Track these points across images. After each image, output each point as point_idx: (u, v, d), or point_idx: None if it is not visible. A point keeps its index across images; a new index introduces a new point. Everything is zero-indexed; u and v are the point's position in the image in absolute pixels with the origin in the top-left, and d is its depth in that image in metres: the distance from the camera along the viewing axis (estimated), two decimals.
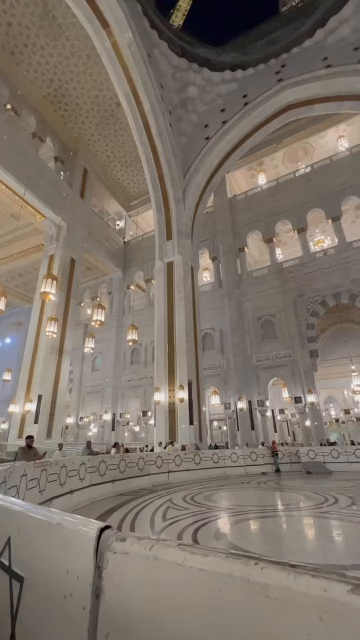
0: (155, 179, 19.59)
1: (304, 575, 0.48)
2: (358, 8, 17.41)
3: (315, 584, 0.46)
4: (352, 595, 0.43)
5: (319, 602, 0.45)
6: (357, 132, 25.02)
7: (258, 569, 0.52)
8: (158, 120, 18.37)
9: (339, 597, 0.44)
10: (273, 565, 0.51)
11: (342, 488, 9.19)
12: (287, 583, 0.48)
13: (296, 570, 0.49)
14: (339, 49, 18.27)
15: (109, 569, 0.67)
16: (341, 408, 25.70)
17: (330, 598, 0.44)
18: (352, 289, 19.23)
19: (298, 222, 22.95)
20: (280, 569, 0.51)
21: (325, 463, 13.84)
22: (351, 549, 4.55)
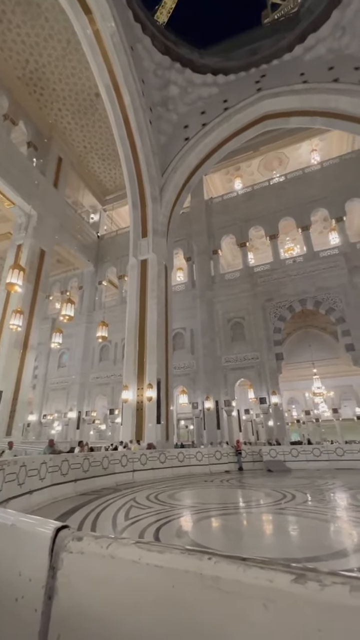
0: (132, 175, 19.35)
1: (253, 567, 0.51)
2: (334, 29, 18.31)
3: (263, 575, 0.49)
4: (295, 584, 0.46)
5: (264, 592, 0.48)
6: (329, 147, 26.34)
7: (211, 564, 0.54)
8: (138, 116, 18.15)
9: (283, 586, 0.47)
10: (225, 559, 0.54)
11: (300, 485, 9.66)
12: (238, 576, 0.51)
13: (246, 563, 0.52)
14: (315, 66, 19.10)
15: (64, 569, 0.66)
16: (302, 409, 26.94)
17: (275, 588, 0.47)
18: (317, 296, 20.22)
19: (270, 229, 23.73)
20: (231, 563, 0.53)
21: (285, 462, 14.45)
22: (305, 543, 4.79)
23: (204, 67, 20.94)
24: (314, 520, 5.77)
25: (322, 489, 8.94)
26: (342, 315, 19.26)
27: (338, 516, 6.16)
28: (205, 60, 20.94)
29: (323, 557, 3.99)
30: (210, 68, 20.98)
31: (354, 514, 6.10)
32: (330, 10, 17.95)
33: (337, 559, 3.94)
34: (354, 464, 13.66)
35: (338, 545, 4.59)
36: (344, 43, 18.36)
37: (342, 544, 4.69)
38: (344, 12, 17.69)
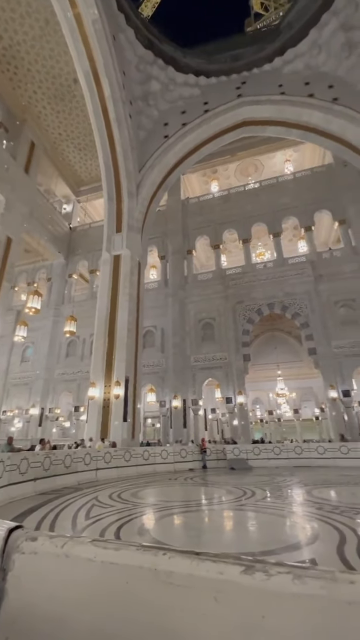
0: (109, 168, 18.94)
1: (206, 561, 0.53)
2: (312, 47, 19.10)
3: (214, 568, 0.51)
4: (243, 575, 0.49)
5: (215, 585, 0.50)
6: (302, 159, 27.48)
7: (165, 559, 0.55)
8: (118, 108, 17.79)
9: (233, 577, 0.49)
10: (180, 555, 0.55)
11: (260, 482, 10.02)
12: (191, 570, 0.53)
13: (200, 557, 0.54)
14: (292, 79, 19.82)
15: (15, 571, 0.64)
16: (266, 409, 27.94)
17: (225, 579, 0.50)
18: (284, 301, 21.06)
19: (243, 233, 24.32)
20: (185, 557, 0.55)
21: (247, 460, 14.91)
22: (262, 537, 4.99)
23: (187, 67, 20.97)
24: (272, 516, 6.02)
25: (280, 486, 9.34)
26: (307, 320, 20.21)
27: (294, 511, 6.48)
28: (188, 60, 20.98)
29: (278, 550, 4.18)
30: (192, 68, 21.05)
31: (308, 509, 6.44)
32: (309, 28, 18.70)
33: (290, 552, 4.15)
34: (310, 461, 14.41)
35: (292, 539, 4.83)
36: (320, 61, 19.22)
37: (296, 537, 4.93)
38: (321, 32, 18.51)
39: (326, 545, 4.31)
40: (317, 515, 5.77)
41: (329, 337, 19.51)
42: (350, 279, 20.33)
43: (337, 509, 6.20)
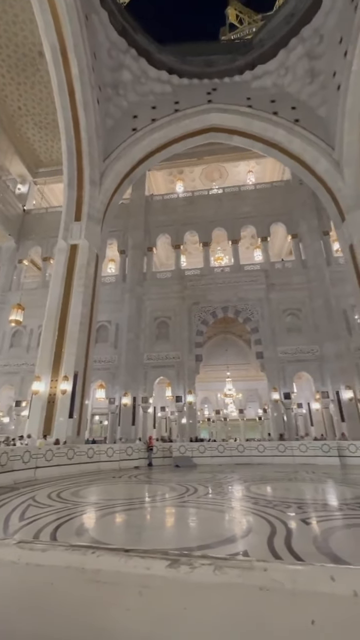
0: (72, 152, 18.04)
1: (134, 557, 0.54)
2: (279, 67, 20.14)
3: (142, 564, 0.53)
4: (169, 569, 0.51)
5: (141, 580, 0.51)
6: (263, 171, 28.86)
7: (94, 557, 0.55)
8: (85, 90, 17.02)
9: (159, 572, 0.51)
10: (109, 552, 0.56)
11: (202, 479, 10.33)
12: (119, 567, 0.53)
13: (129, 554, 0.55)
14: (260, 95, 20.71)
15: None
16: (213, 409, 28.86)
17: (151, 574, 0.51)
18: (238, 306, 21.95)
19: (204, 236, 24.84)
20: (114, 555, 0.55)
21: (192, 457, 15.28)
22: (200, 533, 5.15)
23: (160, 63, 20.82)
24: (211, 512, 6.24)
25: (221, 483, 9.72)
26: (257, 325, 21.29)
27: (232, 507, 6.79)
28: (162, 56, 20.83)
29: (214, 544, 4.34)
30: (166, 65, 20.95)
31: (245, 504, 6.80)
32: (278, 49, 19.71)
33: (225, 545, 4.34)
34: (251, 459, 15.22)
35: (229, 533, 5.06)
36: (286, 82, 20.36)
37: (232, 531, 5.18)
38: (289, 54, 19.63)
39: (258, 538, 4.59)
40: (252, 510, 6.11)
41: (275, 342, 20.77)
42: (298, 289, 21.87)
43: (270, 503, 6.63)
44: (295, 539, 4.39)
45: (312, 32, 18.57)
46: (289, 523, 5.13)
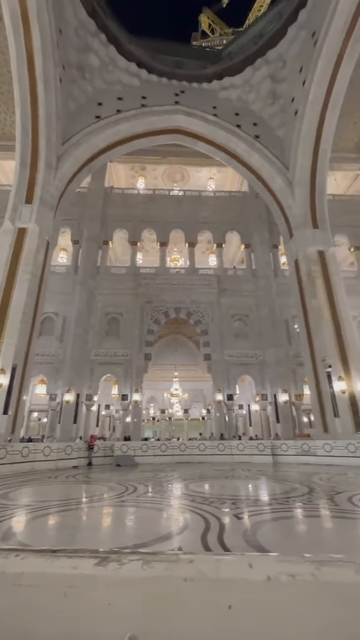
0: (27, 129, 16.77)
1: (61, 557, 0.53)
2: (245, 83, 21.03)
3: (68, 564, 0.52)
4: (97, 567, 0.51)
5: (67, 580, 0.51)
6: (224, 180, 29.84)
7: (17, 560, 0.53)
8: (47, 65, 15.95)
9: (86, 571, 0.51)
10: (34, 554, 0.54)
11: (143, 478, 10.32)
12: (43, 568, 0.52)
13: (56, 554, 0.54)
14: (226, 106, 21.42)
15: None
16: (159, 408, 29.02)
17: (78, 574, 0.51)
18: (190, 308, 22.39)
19: (162, 236, 24.88)
20: (40, 556, 0.54)
21: (135, 456, 15.17)
22: (137, 531, 5.14)
23: (130, 54, 20.38)
24: (150, 510, 6.27)
25: (161, 481, 9.81)
26: (207, 328, 21.94)
27: (170, 505, 6.89)
28: (132, 47, 20.41)
29: (150, 542, 4.37)
30: (135, 58, 20.57)
31: (183, 502, 6.95)
32: (245, 66, 20.58)
33: (161, 542, 4.39)
34: (192, 458, 15.60)
35: (165, 531, 5.12)
36: (250, 99, 21.35)
37: (169, 528, 5.26)
38: (255, 73, 20.61)
39: (193, 534, 4.72)
40: (190, 507, 6.27)
41: (223, 345, 21.60)
42: (247, 297, 23.03)
43: (207, 500, 6.87)
44: (227, 533, 4.61)
45: (277, 56, 19.74)
46: (223, 519, 5.36)
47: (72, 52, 18.39)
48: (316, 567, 0.51)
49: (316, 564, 0.52)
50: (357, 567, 0.51)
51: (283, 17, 18.76)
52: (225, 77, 21.19)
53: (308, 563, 0.52)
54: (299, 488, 7.90)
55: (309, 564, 0.52)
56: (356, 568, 0.51)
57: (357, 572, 0.50)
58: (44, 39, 15.40)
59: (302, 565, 0.52)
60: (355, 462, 12.86)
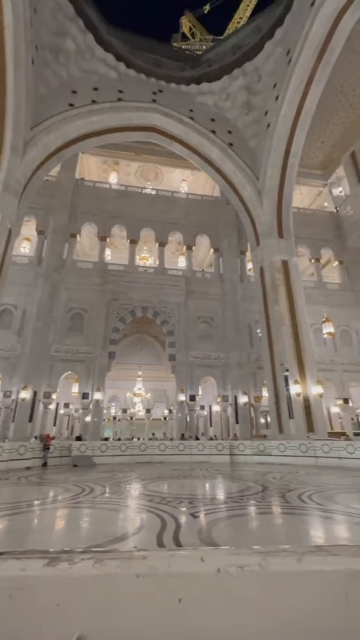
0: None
1: (9, 560, 0.51)
2: (221, 91, 21.47)
3: (16, 566, 0.50)
4: (46, 568, 0.50)
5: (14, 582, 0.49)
6: (197, 183, 30.20)
7: None
8: (18, 43, 15.06)
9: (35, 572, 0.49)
10: None
11: (100, 479, 10.10)
12: None
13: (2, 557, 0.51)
14: (202, 110, 21.72)
15: None
16: (121, 407, 28.59)
17: (26, 575, 0.49)
18: (157, 307, 22.35)
19: (132, 234, 24.59)
20: None
21: (93, 456, 14.80)
22: (91, 533, 5.01)
23: (109, 45, 19.92)
24: (106, 511, 6.14)
25: (119, 482, 9.67)
26: (173, 329, 22.03)
27: (127, 505, 6.81)
28: (111, 39, 19.98)
29: (104, 543, 4.28)
30: (114, 49, 20.15)
31: (140, 502, 6.91)
32: (223, 74, 21.03)
33: (116, 543, 4.33)
34: (152, 457, 15.56)
35: (121, 531, 5.05)
36: (226, 106, 21.84)
37: (124, 529, 5.20)
38: (232, 82, 21.12)
39: (149, 534, 4.71)
40: (147, 507, 6.25)
41: (188, 347, 21.82)
42: (213, 300, 23.49)
43: (164, 500, 6.89)
44: (183, 532, 4.66)
45: (253, 68, 20.40)
46: (179, 518, 5.41)
47: (47, 34, 17.58)
48: (263, 558, 0.54)
49: (263, 555, 0.55)
50: (299, 557, 0.55)
51: (261, 32, 19.46)
52: (203, 82, 21.48)
53: (256, 554, 0.55)
54: (253, 486, 8.20)
55: (257, 555, 0.55)
56: (298, 557, 0.55)
57: (299, 561, 0.54)
58: (16, 15, 14.53)
59: (251, 556, 0.55)
60: (306, 461, 13.63)
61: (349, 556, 0.53)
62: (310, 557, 0.54)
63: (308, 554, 0.55)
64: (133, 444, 16.37)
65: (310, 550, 0.57)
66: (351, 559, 0.53)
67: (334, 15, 15.43)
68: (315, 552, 0.56)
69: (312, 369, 17.38)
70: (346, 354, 23.31)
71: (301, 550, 0.57)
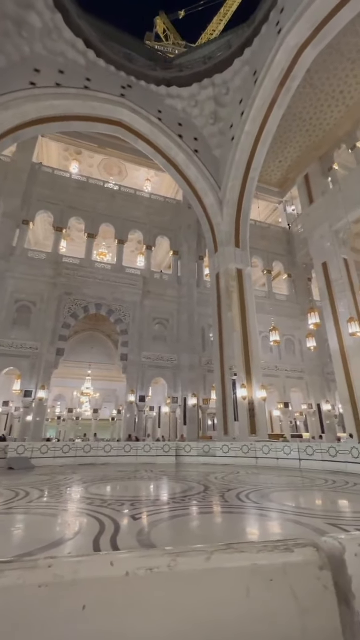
0: None
1: None
2: (191, 98, 21.83)
3: None
4: None
5: None
6: (160, 184, 30.25)
7: None
8: None
9: None
10: None
11: (38, 482, 9.54)
12: None
13: None
14: (170, 113, 21.85)
15: None
16: (67, 407, 27.36)
17: None
18: (112, 306, 21.87)
19: (91, 228, 23.80)
20: None
21: (32, 458, 13.92)
22: (22, 540, 4.70)
23: (79, 29, 19.13)
24: (41, 516, 5.81)
25: (59, 485, 9.22)
26: (127, 328, 21.71)
27: (66, 509, 6.52)
28: (82, 23, 19.21)
29: (35, 551, 4.04)
30: (84, 35, 19.39)
31: (80, 506, 6.66)
32: (192, 82, 21.40)
33: (49, 550, 4.11)
34: (96, 459, 15.11)
35: (56, 537, 4.81)
36: (194, 114, 22.24)
37: (60, 534, 4.96)
38: (201, 91, 21.58)
39: (86, 539, 4.56)
40: (86, 511, 6.04)
41: (141, 347, 21.66)
42: (170, 302, 23.65)
43: (105, 502, 6.73)
44: (122, 535, 4.59)
45: (222, 81, 21.07)
46: (119, 520, 5.32)
47: (10, 3, 16.36)
48: (173, 559, 0.55)
49: (174, 556, 0.56)
50: (208, 555, 0.57)
51: (231, 49, 20.20)
52: (173, 86, 21.63)
53: (167, 555, 0.56)
54: (196, 487, 8.38)
55: (167, 556, 0.56)
56: (207, 556, 0.57)
57: (208, 560, 0.56)
58: None
59: (161, 558, 0.56)
60: (247, 462, 14.30)
61: (255, 552, 0.57)
62: (218, 555, 0.57)
63: (217, 552, 0.58)
64: (77, 445, 15.75)
65: (220, 549, 0.60)
66: (255, 555, 0.56)
67: (297, 48, 16.59)
68: (225, 550, 0.59)
69: (259, 374, 18.33)
70: (289, 362, 24.99)
71: (211, 549, 0.59)
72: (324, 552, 0.61)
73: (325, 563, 0.59)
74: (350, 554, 0.61)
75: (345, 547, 0.63)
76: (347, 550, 0.61)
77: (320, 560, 0.59)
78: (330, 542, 0.64)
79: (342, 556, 0.61)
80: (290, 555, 0.58)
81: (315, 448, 12.94)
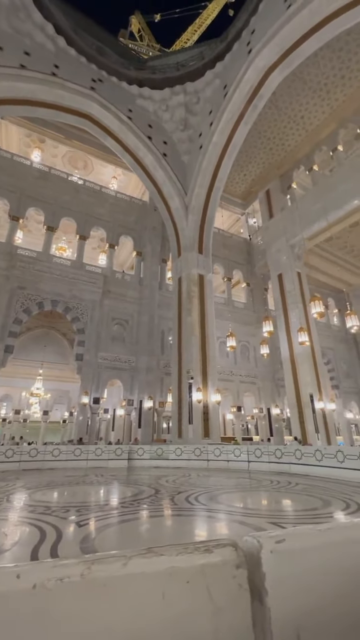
0: None
1: None
2: (162, 102, 21.93)
3: None
4: None
5: None
6: (127, 183, 29.86)
7: None
8: None
9: None
10: None
11: None
12: None
13: None
14: (140, 114, 21.72)
15: None
16: (13, 407, 25.63)
17: None
18: (69, 303, 21.01)
19: (51, 220, 22.74)
20: None
21: None
22: None
23: (49, 12, 18.31)
24: None
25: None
26: (84, 327, 20.99)
27: (6, 518, 6.07)
28: (52, 7, 18.41)
29: None
30: (55, 20, 18.60)
31: (21, 514, 6.25)
32: (165, 85, 21.53)
33: None
34: (43, 464, 14.31)
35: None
36: (164, 118, 22.36)
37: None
38: (172, 96, 21.78)
39: (24, 549, 4.28)
40: (27, 519, 5.68)
41: (98, 347, 21.06)
42: (130, 303, 23.35)
43: (49, 509, 6.40)
44: (63, 543, 4.40)
45: (193, 90, 21.47)
46: (63, 528, 5.09)
47: None
48: (88, 567, 0.54)
49: (89, 563, 0.55)
50: (126, 561, 0.57)
51: (204, 60, 20.69)
52: (145, 87, 21.56)
53: (82, 564, 0.55)
54: (146, 490, 8.31)
55: (82, 564, 0.54)
56: (125, 562, 0.56)
57: (125, 565, 0.56)
58: None
59: (75, 567, 0.54)
60: (199, 464, 14.51)
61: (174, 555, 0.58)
62: (137, 560, 0.56)
63: (136, 557, 0.57)
64: (22, 449, 14.80)
65: (139, 553, 0.59)
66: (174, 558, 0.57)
67: (265, 69, 17.51)
68: (144, 555, 0.58)
69: (214, 378, 18.77)
70: (244, 367, 25.94)
71: (130, 554, 0.59)
72: (242, 551, 0.64)
73: (242, 562, 0.62)
74: (266, 551, 0.64)
75: (262, 544, 0.66)
76: (263, 548, 0.65)
77: (237, 559, 0.61)
78: (250, 540, 0.67)
79: (258, 554, 0.64)
80: (209, 555, 0.60)
81: (263, 450, 13.54)
